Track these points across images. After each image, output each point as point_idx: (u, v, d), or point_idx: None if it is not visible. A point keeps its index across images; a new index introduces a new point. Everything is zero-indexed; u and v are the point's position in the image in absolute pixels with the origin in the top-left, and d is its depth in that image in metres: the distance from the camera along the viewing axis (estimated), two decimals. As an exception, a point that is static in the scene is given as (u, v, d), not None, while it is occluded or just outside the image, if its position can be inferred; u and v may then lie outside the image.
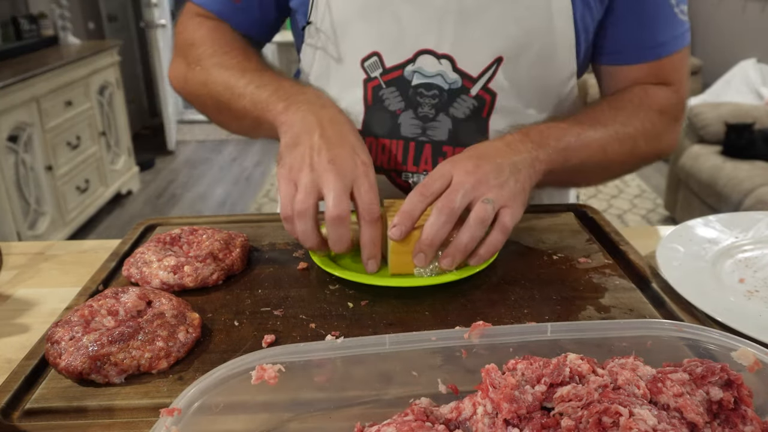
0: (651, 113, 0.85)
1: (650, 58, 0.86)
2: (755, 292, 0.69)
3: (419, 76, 0.83)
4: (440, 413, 0.47)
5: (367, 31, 0.83)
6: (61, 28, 3.83)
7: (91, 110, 3.57)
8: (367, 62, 0.84)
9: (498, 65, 0.82)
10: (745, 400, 0.44)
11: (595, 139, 0.80)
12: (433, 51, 0.82)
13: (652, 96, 0.86)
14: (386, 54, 0.83)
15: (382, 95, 0.85)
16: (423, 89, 0.84)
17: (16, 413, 0.53)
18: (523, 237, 0.81)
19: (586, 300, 0.67)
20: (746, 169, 2.92)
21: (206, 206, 3.93)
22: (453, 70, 0.82)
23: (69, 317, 0.60)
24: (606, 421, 0.41)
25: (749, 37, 4.33)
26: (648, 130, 0.84)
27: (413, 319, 0.64)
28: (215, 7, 0.90)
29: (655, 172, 4.27)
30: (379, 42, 0.83)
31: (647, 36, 0.85)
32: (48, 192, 3.11)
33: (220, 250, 0.73)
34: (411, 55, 0.83)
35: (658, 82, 0.88)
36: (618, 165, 0.86)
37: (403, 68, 0.83)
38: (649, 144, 0.85)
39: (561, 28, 0.81)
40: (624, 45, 0.86)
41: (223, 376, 0.47)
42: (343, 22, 0.83)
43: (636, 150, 0.84)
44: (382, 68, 0.84)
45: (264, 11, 0.91)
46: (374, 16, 0.82)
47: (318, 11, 0.85)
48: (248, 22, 0.92)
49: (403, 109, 0.85)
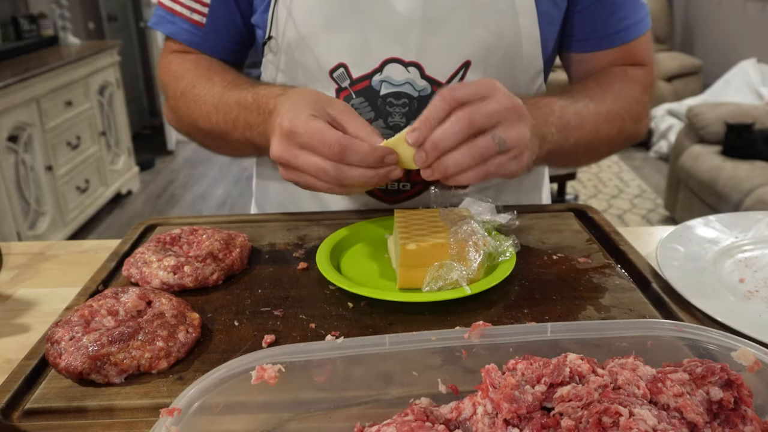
0: (636, 93, 0.86)
1: (619, 42, 0.87)
2: (755, 292, 0.69)
3: (387, 85, 0.83)
4: (440, 413, 0.47)
5: (333, 43, 0.82)
6: (61, 28, 3.83)
7: (91, 110, 3.58)
8: (335, 73, 0.84)
9: (466, 69, 0.82)
10: (745, 400, 0.44)
11: (590, 120, 0.80)
12: (400, 59, 0.82)
13: (632, 76, 0.87)
14: (352, 65, 0.83)
15: (353, 105, 0.85)
16: (392, 98, 0.83)
17: (16, 413, 0.53)
18: (523, 237, 0.81)
19: (586, 300, 0.67)
20: (746, 169, 2.92)
21: (206, 206, 3.93)
22: (421, 77, 0.82)
23: (69, 317, 0.60)
24: (606, 421, 0.41)
25: (749, 37, 4.33)
26: (633, 110, 0.85)
27: (413, 319, 0.64)
28: (184, 36, 0.91)
29: (655, 172, 4.27)
30: (345, 53, 0.83)
31: (615, 20, 0.86)
32: (48, 192, 3.11)
33: (220, 250, 0.73)
34: (378, 65, 0.82)
35: (631, 64, 0.89)
36: (605, 145, 0.86)
37: (370, 78, 0.83)
38: (632, 125, 0.86)
39: (526, 27, 0.81)
40: (592, 31, 0.87)
41: (223, 376, 0.47)
42: (308, 35, 0.83)
43: (622, 130, 0.85)
44: (350, 79, 0.84)
45: (231, 30, 0.92)
46: (338, 28, 0.82)
47: (278, 26, 0.84)
48: (220, 46, 0.93)
49: (373, 119, 0.85)
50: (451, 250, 0.66)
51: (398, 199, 0.90)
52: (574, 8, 0.86)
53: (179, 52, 0.94)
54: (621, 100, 0.84)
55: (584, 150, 0.83)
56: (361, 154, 0.65)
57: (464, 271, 0.66)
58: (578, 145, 0.79)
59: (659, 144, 4.49)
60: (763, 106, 3.42)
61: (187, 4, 0.89)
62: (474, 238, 0.67)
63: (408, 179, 0.88)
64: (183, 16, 0.90)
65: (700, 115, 3.30)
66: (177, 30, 0.91)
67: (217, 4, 0.89)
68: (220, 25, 0.90)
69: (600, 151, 0.89)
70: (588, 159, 0.93)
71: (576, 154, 0.84)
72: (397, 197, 0.90)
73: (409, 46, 0.80)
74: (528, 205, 0.94)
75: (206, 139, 0.90)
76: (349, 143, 0.65)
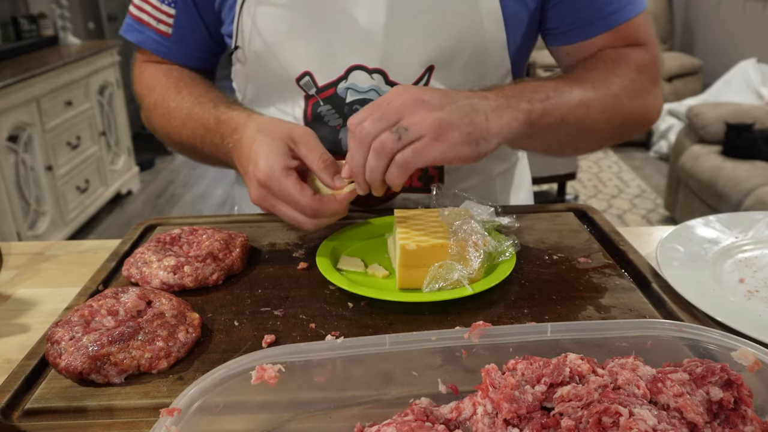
0: (628, 71, 0.82)
1: (605, 28, 0.83)
2: (755, 292, 0.69)
3: (353, 92, 0.83)
4: (440, 413, 0.47)
5: (297, 52, 0.83)
6: (61, 28, 3.83)
7: (91, 110, 3.57)
8: (302, 81, 0.84)
9: (430, 74, 0.82)
10: (745, 400, 0.44)
11: (575, 94, 0.77)
12: (364, 66, 0.82)
13: (624, 56, 0.84)
14: (317, 73, 0.83)
15: (321, 112, 0.86)
16: (358, 105, 0.83)
17: (16, 413, 0.53)
18: (523, 237, 0.81)
19: (586, 300, 0.67)
20: (746, 169, 2.92)
21: (206, 206, 3.93)
22: (386, 83, 0.82)
23: (69, 317, 0.60)
24: (606, 421, 0.41)
25: (749, 37, 4.33)
26: (628, 87, 0.82)
27: (413, 319, 0.64)
28: (152, 45, 0.92)
29: (655, 172, 4.27)
30: (310, 61, 0.83)
31: (596, 8, 0.83)
32: (48, 192, 3.11)
33: (220, 250, 0.73)
34: (342, 72, 0.83)
35: (625, 46, 0.85)
36: (604, 123, 0.80)
37: (336, 86, 0.83)
38: (633, 101, 0.82)
39: (491, 29, 0.81)
40: (574, 21, 0.84)
41: (223, 376, 0.47)
42: (273, 44, 0.83)
43: (621, 107, 0.81)
44: (316, 87, 0.84)
45: (198, 40, 0.93)
46: (302, 37, 0.82)
47: (244, 36, 0.85)
48: (187, 55, 0.93)
49: (341, 125, 0.86)
50: (451, 250, 0.66)
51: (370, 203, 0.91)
52: (548, 3, 0.84)
53: (152, 62, 0.95)
54: (612, 77, 0.81)
55: (578, 129, 0.79)
56: (331, 210, 0.72)
57: (464, 271, 0.66)
58: (567, 121, 0.76)
59: (659, 144, 4.50)
60: (763, 106, 3.42)
61: (153, 15, 0.90)
62: (474, 238, 0.67)
63: None
64: (150, 26, 0.91)
65: (700, 115, 3.30)
66: (145, 39, 0.92)
67: (182, 15, 0.90)
68: (186, 35, 0.91)
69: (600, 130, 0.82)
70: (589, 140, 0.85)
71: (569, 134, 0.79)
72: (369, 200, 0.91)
73: (373, 53, 0.81)
74: (528, 205, 0.94)
75: (181, 149, 0.92)
76: (320, 206, 0.71)
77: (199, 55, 0.95)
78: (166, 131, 0.89)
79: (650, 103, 0.85)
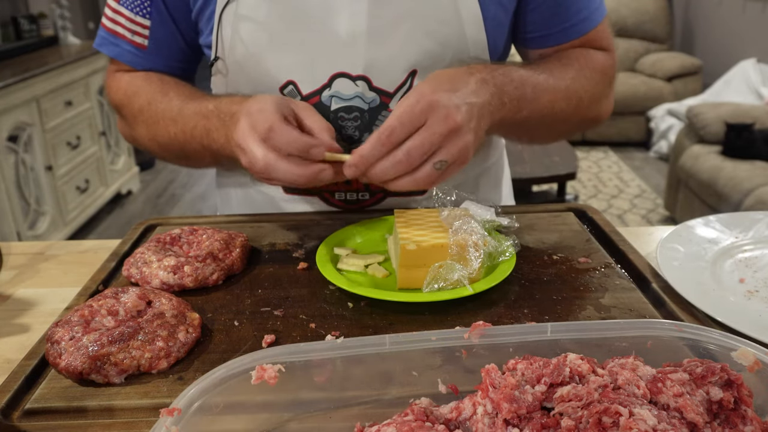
0: (595, 74, 0.87)
1: (577, 35, 0.87)
2: (755, 292, 0.69)
3: (337, 100, 0.83)
4: (440, 413, 0.47)
5: (280, 61, 0.82)
6: (61, 28, 3.83)
7: (91, 110, 3.58)
8: (285, 90, 0.84)
9: (413, 78, 0.82)
10: (745, 400, 0.44)
11: (547, 94, 0.80)
12: (347, 74, 0.82)
13: (593, 58, 0.88)
14: (301, 82, 0.83)
15: None
16: (343, 113, 0.84)
17: (16, 413, 0.53)
18: (523, 237, 0.81)
19: (586, 300, 0.67)
20: (746, 169, 2.92)
21: (206, 206, 3.93)
22: (370, 89, 0.82)
23: (69, 317, 0.60)
24: (606, 421, 0.41)
25: (749, 37, 4.33)
26: (591, 91, 0.86)
27: (413, 319, 0.64)
28: (128, 58, 0.91)
29: (655, 172, 4.27)
30: (293, 70, 0.83)
31: (570, 14, 0.86)
32: (48, 192, 3.11)
33: (220, 250, 0.73)
34: (326, 80, 0.82)
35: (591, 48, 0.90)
36: (561, 123, 0.86)
37: (320, 94, 0.83)
38: (590, 106, 0.87)
39: (472, 34, 0.81)
40: (549, 26, 0.87)
41: (223, 376, 0.47)
42: (256, 53, 0.83)
43: (579, 109, 0.85)
44: (300, 95, 0.84)
45: (174, 51, 0.92)
46: (284, 46, 0.82)
47: (224, 47, 0.84)
48: (164, 66, 0.92)
49: None
50: (451, 250, 0.66)
51: (359, 207, 0.91)
52: (526, 8, 0.85)
53: (125, 70, 0.93)
54: (581, 80, 0.84)
55: (538, 125, 0.84)
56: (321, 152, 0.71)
57: (464, 271, 0.66)
58: (531, 118, 0.79)
59: (659, 144, 4.50)
60: (763, 106, 3.42)
61: (128, 27, 0.89)
62: (474, 238, 0.67)
63: (367, 189, 0.90)
64: (125, 38, 0.90)
65: (700, 115, 3.30)
66: (120, 52, 0.91)
67: (158, 25, 0.89)
68: (162, 45, 0.90)
69: (555, 128, 0.89)
70: (543, 135, 0.94)
71: (528, 127, 0.84)
72: (357, 205, 0.91)
73: (355, 60, 0.81)
74: (528, 205, 0.94)
75: (164, 153, 0.91)
76: (318, 143, 0.70)
77: (177, 65, 0.94)
78: (152, 134, 0.88)
79: (604, 107, 0.91)
